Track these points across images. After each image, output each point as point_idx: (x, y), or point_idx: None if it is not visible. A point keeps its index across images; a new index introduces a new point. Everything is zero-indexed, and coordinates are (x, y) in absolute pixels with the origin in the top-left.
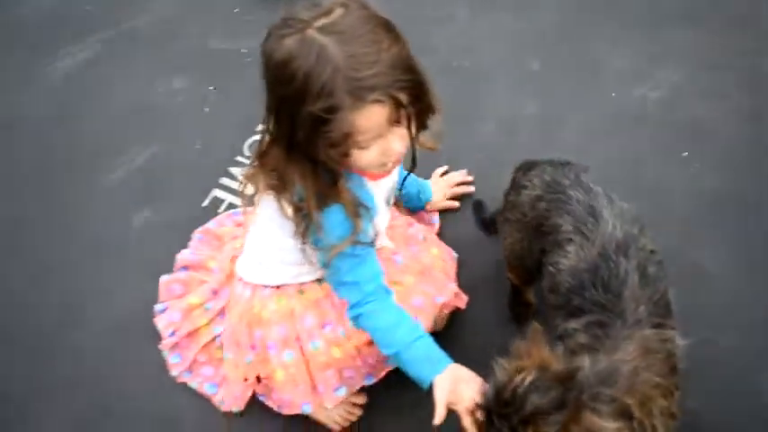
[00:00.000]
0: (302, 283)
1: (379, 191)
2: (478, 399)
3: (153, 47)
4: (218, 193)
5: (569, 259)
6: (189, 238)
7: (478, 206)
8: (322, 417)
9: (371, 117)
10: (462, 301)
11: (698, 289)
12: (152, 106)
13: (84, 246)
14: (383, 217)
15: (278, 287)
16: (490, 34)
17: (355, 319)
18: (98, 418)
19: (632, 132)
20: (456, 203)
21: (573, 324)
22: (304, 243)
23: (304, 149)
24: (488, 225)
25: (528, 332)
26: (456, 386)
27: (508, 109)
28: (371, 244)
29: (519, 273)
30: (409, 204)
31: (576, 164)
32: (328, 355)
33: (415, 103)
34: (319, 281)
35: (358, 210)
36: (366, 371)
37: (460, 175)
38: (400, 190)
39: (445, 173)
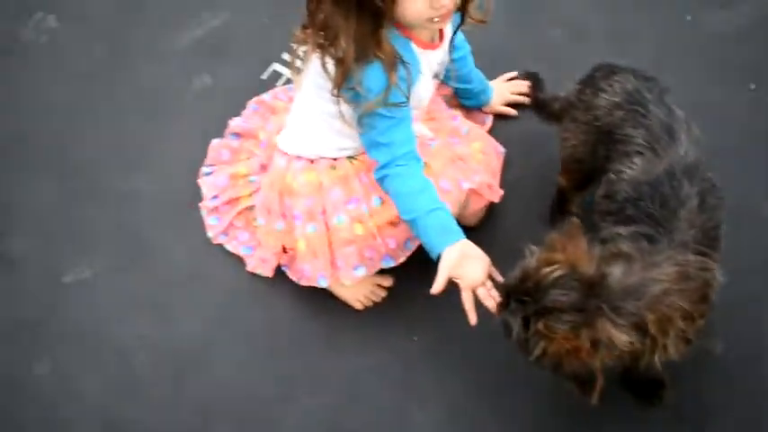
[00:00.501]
0: (335, 159)
1: (427, 62)
2: (498, 278)
3: None
4: (277, 67)
5: (634, 170)
6: (243, 107)
7: (536, 80)
8: (346, 294)
9: None
10: (496, 194)
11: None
12: None
13: (144, 100)
14: (426, 87)
15: (311, 161)
16: None
17: (381, 180)
18: (127, 266)
19: (701, 59)
20: (514, 111)
21: (620, 230)
22: (340, 96)
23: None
24: (542, 106)
25: (566, 226)
26: (462, 261)
27: (578, 16)
28: (406, 105)
29: (572, 176)
30: (467, 102)
31: (660, 81)
32: (350, 231)
33: None
34: (351, 158)
35: (396, 64)
36: (385, 252)
37: (526, 85)
38: (452, 64)
39: (512, 79)
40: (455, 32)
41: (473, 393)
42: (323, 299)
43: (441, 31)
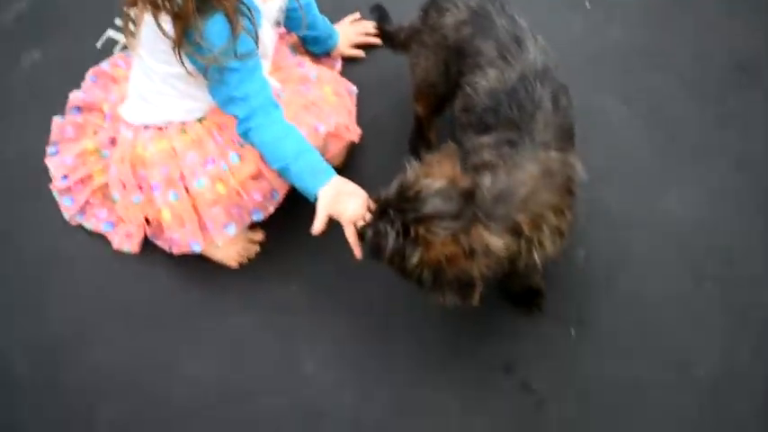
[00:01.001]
0: (184, 123)
1: (267, 9)
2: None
3: None
4: (112, 33)
5: (489, 81)
6: (82, 79)
7: (382, 13)
8: (219, 255)
9: None
10: (355, 134)
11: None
12: None
13: None
14: (269, 35)
15: (160, 128)
16: None
17: (245, 134)
18: None
19: None
20: (361, 52)
21: (483, 139)
22: (181, 54)
23: None
24: (389, 37)
25: (442, 148)
26: (339, 198)
27: None
28: (255, 54)
29: (428, 100)
30: (315, 48)
31: None
32: (213, 191)
33: None
34: (201, 119)
35: (238, 11)
36: (253, 206)
37: (371, 25)
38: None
39: (357, 21)
40: None
41: (357, 334)
42: (196, 263)
43: None
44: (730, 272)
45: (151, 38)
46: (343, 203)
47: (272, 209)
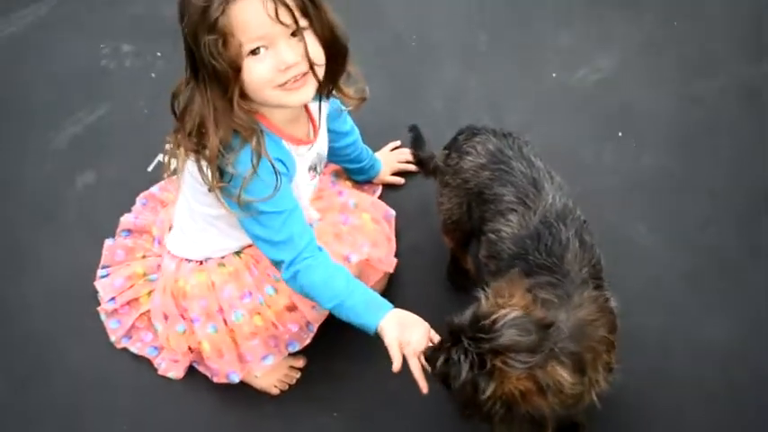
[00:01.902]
0: (223, 257)
1: (301, 158)
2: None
3: (103, 11)
4: (162, 158)
5: (512, 227)
6: (133, 203)
7: (416, 138)
8: (260, 383)
9: (246, 8)
10: (390, 265)
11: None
12: (100, 69)
13: (27, 205)
14: (304, 182)
15: (200, 262)
16: (438, 12)
17: (293, 277)
18: (38, 380)
19: (571, 111)
20: (401, 180)
21: None
22: (216, 193)
23: (203, 68)
24: (421, 163)
25: (509, 276)
26: (404, 330)
27: (454, 85)
28: (285, 194)
29: (455, 236)
30: (358, 177)
31: (518, 136)
32: (251, 324)
33: (302, 4)
34: (238, 253)
35: (256, 132)
36: (289, 337)
37: (410, 152)
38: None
39: (396, 148)
40: (323, 111)
41: None
42: (238, 389)
43: (314, 126)
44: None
45: (191, 181)
46: (407, 336)
47: (308, 340)
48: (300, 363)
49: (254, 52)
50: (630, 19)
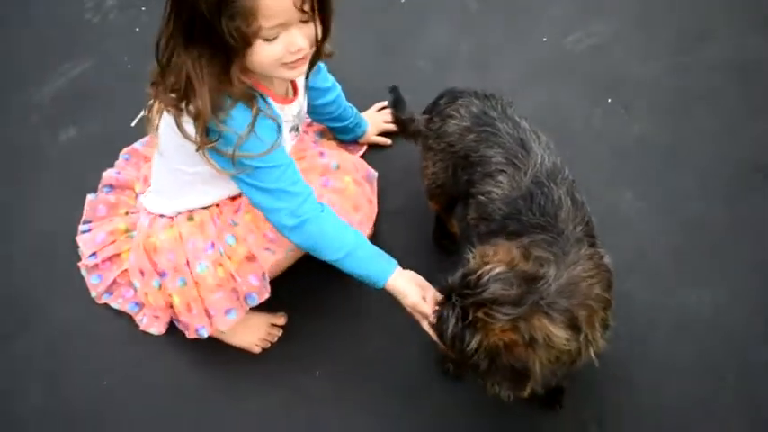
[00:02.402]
0: (192, 210)
1: (284, 117)
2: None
3: None
4: (145, 112)
5: (502, 188)
6: (116, 158)
7: (396, 100)
8: (241, 341)
9: None
10: (368, 229)
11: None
12: (83, 23)
13: (9, 160)
14: (287, 144)
15: (172, 218)
16: None
17: (298, 226)
18: (20, 335)
19: (561, 76)
20: (387, 140)
21: (515, 245)
22: (204, 153)
23: (204, 29)
24: (402, 125)
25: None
26: (424, 290)
27: (444, 47)
28: (281, 147)
29: (440, 200)
30: (344, 136)
31: (500, 97)
32: (215, 275)
33: (321, 3)
34: (207, 207)
35: (252, 99)
36: (247, 290)
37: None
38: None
39: (383, 108)
40: (308, 70)
41: (381, 423)
42: (219, 347)
43: (294, 84)
44: (748, 371)
45: (169, 137)
46: (428, 293)
47: (266, 294)
48: (282, 320)
49: (268, 35)
50: None
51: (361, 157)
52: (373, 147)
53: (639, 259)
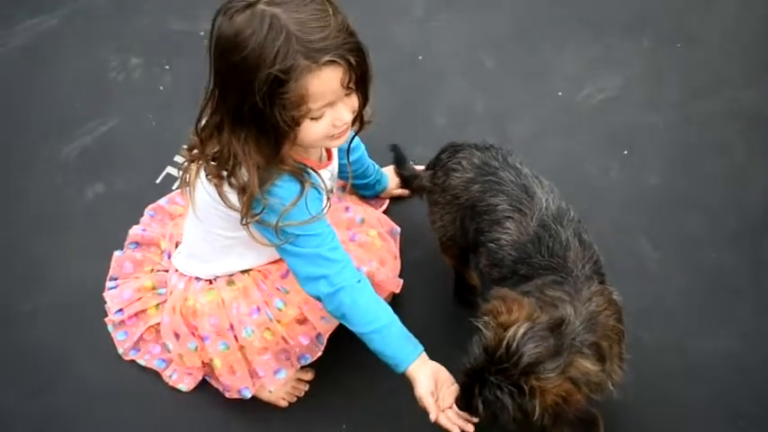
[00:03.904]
0: (231, 275)
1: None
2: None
3: (110, 24)
4: (171, 170)
5: (510, 234)
6: (141, 215)
7: (398, 156)
8: (269, 396)
9: (326, 80)
10: (396, 285)
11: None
12: (109, 82)
13: (37, 217)
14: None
15: (209, 281)
16: (446, 31)
17: (333, 294)
18: (47, 391)
19: (576, 131)
20: (406, 191)
21: (526, 287)
22: (248, 224)
23: (255, 116)
24: (405, 181)
25: (495, 295)
26: (438, 386)
27: (460, 104)
28: (323, 216)
29: (453, 252)
30: (365, 192)
31: (500, 147)
32: (261, 339)
33: (360, 65)
34: (246, 270)
35: (303, 175)
36: (300, 351)
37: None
38: (346, 179)
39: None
40: (351, 141)
41: None
42: (246, 401)
43: (328, 149)
44: (764, 416)
45: (208, 204)
46: (440, 392)
47: (319, 353)
48: (309, 375)
49: (316, 115)
50: (634, 41)
51: (384, 212)
52: (393, 201)
53: (656, 305)
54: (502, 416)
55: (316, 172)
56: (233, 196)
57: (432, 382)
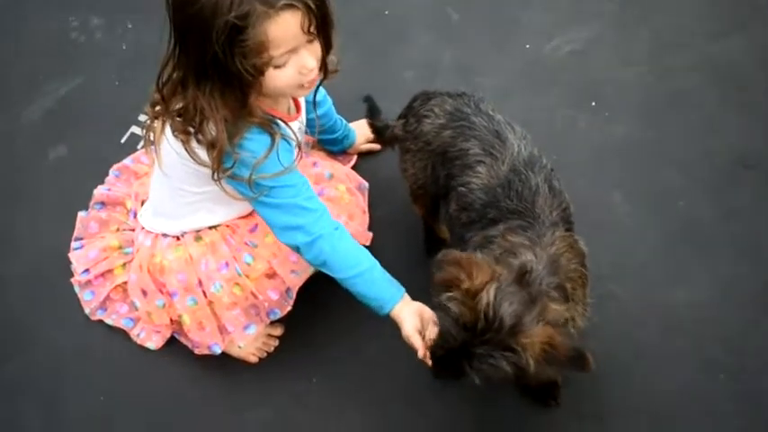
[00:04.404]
0: (198, 230)
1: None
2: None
3: None
4: (135, 130)
5: (481, 178)
6: (106, 175)
7: (371, 107)
8: (239, 352)
9: (284, 25)
10: (365, 238)
11: (602, 231)
12: (70, 42)
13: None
14: None
15: (176, 237)
16: None
17: (312, 243)
18: (14, 353)
19: (544, 83)
20: (377, 146)
21: (491, 231)
22: (220, 179)
23: (217, 68)
24: (377, 132)
25: (443, 258)
26: (424, 324)
27: (427, 58)
28: (294, 167)
29: (424, 202)
30: (333, 147)
31: (472, 94)
32: (230, 294)
33: (320, 10)
34: (214, 227)
35: (272, 126)
36: (269, 306)
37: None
38: (315, 132)
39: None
40: (316, 90)
41: (377, 426)
42: (215, 357)
43: (296, 101)
44: (741, 362)
45: (179, 161)
46: (426, 330)
47: (288, 307)
48: (278, 331)
49: (279, 63)
50: None
51: (352, 167)
52: (361, 157)
53: (630, 259)
54: (496, 377)
55: (286, 123)
56: (201, 152)
57: (418, 321)
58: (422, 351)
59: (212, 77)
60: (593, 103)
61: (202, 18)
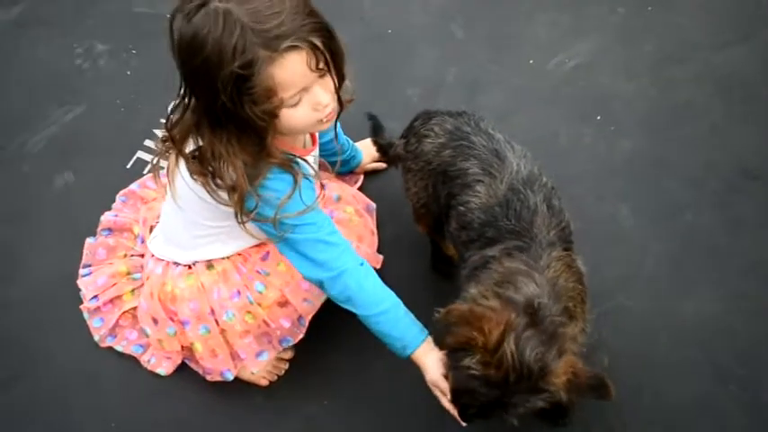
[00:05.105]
0: (210, 259)
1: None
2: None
3: (74, 11)
4: (141, 155)
5: (479, 197)
6: (112, 201)
7: (375, 126)
8: (249, 376)
9: (290, 67)
10: (377, 261)
11: (610, 244)
12: (75, 69)
13: (6, 207)
14: None
15: (188, 266)
16: (415, 4)
17: (336, 277)
18: (23, 380)
19: (548, 99)
20: (383, 164)
21: (490, 252)
22: (244, 221)
23: (228, 116)
24: (381, 150)
25: (448, 316)
26: (443, 367)
27: (431, 76)
28: (316, 206)
29: (426, 220)
30: (341, 168)
31: (473, 113)
32: (242, 322)
33: (327, 45)
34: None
35: (292, 165)
36: (282, 334)
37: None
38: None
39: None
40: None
41: None
42: (226, 382)
43: (312, 134)
44: (753, 373)
45: (195, 197)
46: (442, 371)
47: (301, 335)
48: (289, 354)
49: (291, 103)
50: (605, 6)
51: (359, 188)
52: (367, 177)
53: (638, 272)
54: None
55: (303, 159)
56: (222, 192)
57: (443, 368)
58: (447, 404)
59: (227, 125)
60: (599, 117)
61: (207, 69)
